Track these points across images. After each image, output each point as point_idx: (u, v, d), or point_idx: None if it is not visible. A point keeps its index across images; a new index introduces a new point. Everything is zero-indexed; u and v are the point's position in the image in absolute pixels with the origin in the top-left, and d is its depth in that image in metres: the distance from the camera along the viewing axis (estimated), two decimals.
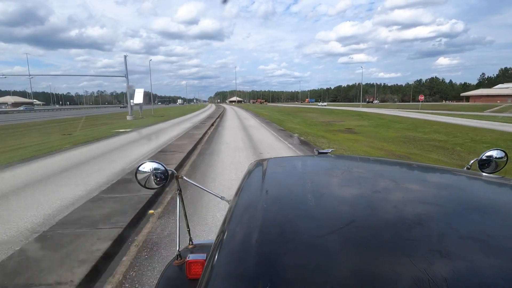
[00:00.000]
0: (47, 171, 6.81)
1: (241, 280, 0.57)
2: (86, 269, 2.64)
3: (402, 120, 23.14)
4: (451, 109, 45.92)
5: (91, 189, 5.31)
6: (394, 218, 0.76)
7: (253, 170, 1.25)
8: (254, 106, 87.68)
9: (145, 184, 1.27)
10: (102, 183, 5.67)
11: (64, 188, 5.45)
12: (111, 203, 4.40)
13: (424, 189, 1.01)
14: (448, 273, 0.52)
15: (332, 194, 0.97)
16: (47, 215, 4.18)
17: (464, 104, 73.34)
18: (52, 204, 4.58)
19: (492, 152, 1.35)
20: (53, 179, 6.14)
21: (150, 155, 8.93)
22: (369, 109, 49.88)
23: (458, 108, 48.85)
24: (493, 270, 0.54)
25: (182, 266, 1.22)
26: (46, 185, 5.67)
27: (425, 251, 0.59)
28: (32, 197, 4.99)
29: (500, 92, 79.90)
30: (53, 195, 5.02)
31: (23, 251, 3.04)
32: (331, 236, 0.66)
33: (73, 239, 3.23)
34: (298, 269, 0.58)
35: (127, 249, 3.25)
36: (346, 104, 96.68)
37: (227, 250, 0.67)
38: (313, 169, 1.36)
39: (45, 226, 3.74)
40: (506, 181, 1.03)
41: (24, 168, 7.23)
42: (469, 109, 43.22)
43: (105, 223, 3.66)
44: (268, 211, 0.82)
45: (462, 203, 0.85)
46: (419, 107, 47.08)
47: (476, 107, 48.89)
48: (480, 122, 21.24)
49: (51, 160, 8.16)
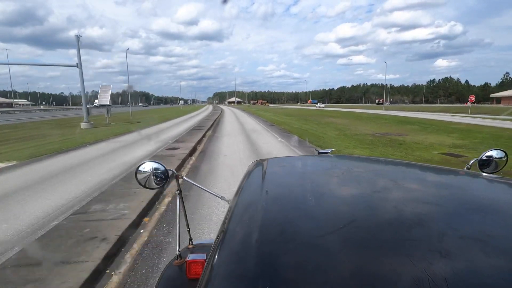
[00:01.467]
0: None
1: (241, 280, 0.56)
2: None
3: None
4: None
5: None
6: (394, 218, 0.75)
7: (253, 170, 1.24)
8: (256, 107, 77.36)
9: (145, 184, 1.25)
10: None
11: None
12: None
13: (424, 189, 1.00)
14: (448, 273, 0.51)
15: (332, 194, 0.97)
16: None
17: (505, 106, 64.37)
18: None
19: (492, 152, 1.32)
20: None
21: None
22: (400, 112, 41.09)
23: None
24: (493, 270, 0.54)
25: (182, 266, 1.21)
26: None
27: (425, 251, 0.59)
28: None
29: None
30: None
31: None
32: (331, 236, 0.65)
33: None
34: (298, 269, 0.57)
35: None
36: (353, 106, 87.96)
37: (227, 250, 0.67)
38: (313, 169, 1.34)
39: None
40: (506, 181, 1.03)
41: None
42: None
43: None
44: (268, 211, 0.81)
45: (462, 203, 0.85)
46: (468, 111, 37.66)
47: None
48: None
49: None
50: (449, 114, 33.94)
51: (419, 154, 8.94)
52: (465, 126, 18.65)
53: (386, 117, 28.73)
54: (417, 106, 72.17)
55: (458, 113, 35.88)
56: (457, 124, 20.34)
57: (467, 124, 20.29)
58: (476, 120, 23.46)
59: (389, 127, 18.93)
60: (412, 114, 36.20)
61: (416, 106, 72.73)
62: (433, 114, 34.79)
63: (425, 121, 23.17)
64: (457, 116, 29.63)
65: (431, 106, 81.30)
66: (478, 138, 12.66)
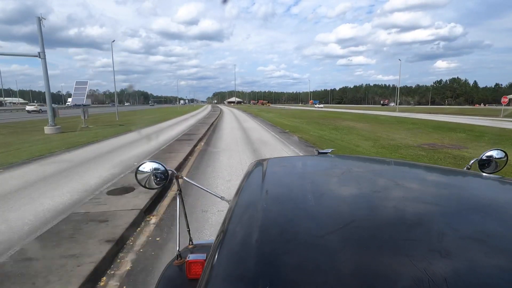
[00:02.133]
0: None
1: (241, 280, 0.56)
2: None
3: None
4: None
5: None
6: (394, 218, 0.75)
7: (253, 170, 1.23)
8: (257, 108, 72.92)
9: (145, 184, 1.25)
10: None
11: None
12: None
13: (424, 189, 0.99)
14: (448, 273, 0.51)
15: (332, 194, 0.96)
16: None
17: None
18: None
19: (492, 152, 1.32)
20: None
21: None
22: (416, 114, 37.29)
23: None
24: (493, 270, 0.54)
25: (182, 266, 1.20)
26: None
27: (425, 251, 0.59)
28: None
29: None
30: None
31: None
32: (331, 236, 0.65)
33: None
34: (298, 269, 0.57)
35: None
36: (358, 107, 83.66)
37: (227, 250, 0.66)
38: (313, 169, 1.34)
39: None
40: (506, 181, 1.03)
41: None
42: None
43: None
44: (268, 211, 0.81)
45: (462, 203, 0.85)
46: (500, 114, 32.87)
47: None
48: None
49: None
50: (481, 117, 29.95)
51: None
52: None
53: (413, 121, 24.79)
54: (426, 108, 68.27)
55: (487, 116, 31.87)
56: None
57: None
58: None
59: (428, 134, 15.11)
60: (434, 116, 32.38)
61: (426, 108, 68.80)
62: (458, 117, 30.93)
63: (466, 126, 19.30)
64: (496, 120, 25.72)
65: (441, 107, 77.33)
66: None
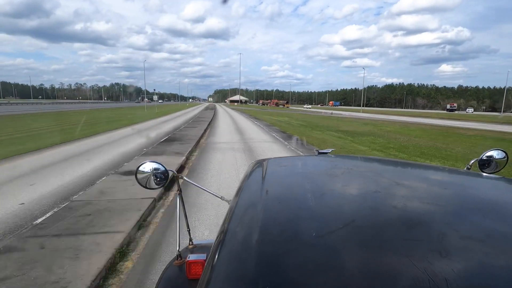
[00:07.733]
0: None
1: (241, 280, 0.56)
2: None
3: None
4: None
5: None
6: (394, 218, 0.74)
7: (253, 170, 1.23)
8: (274, 112, 53.02)
9: (145, 185, 1.26)
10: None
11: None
12: None
13: (425, 189, 0.99)
14: (448, 273, 0.51)
15: (332, 194, 0.96)
16: None
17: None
18: None
19: (492, 152, 1.32)
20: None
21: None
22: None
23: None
24: (493, 270, 0.54)
25: (182, 266, 1.20)
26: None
27: (425, 251, 0.59)
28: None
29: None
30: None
31: None
32: (332, 236, 0.65)
33: None
34: (298, 269, 0.57)
35: None
36: (414, 113, 65.60)
37: (227, 250, 0.66)
38: (313, 169, 1.33)
39: None
40: (506, 181, 1.02)
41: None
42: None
43: None
44: (268, 211, 0.81)
45: (462, 203, 0.84)
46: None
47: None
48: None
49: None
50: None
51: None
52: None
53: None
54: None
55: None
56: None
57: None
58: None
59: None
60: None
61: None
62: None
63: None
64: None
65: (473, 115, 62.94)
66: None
